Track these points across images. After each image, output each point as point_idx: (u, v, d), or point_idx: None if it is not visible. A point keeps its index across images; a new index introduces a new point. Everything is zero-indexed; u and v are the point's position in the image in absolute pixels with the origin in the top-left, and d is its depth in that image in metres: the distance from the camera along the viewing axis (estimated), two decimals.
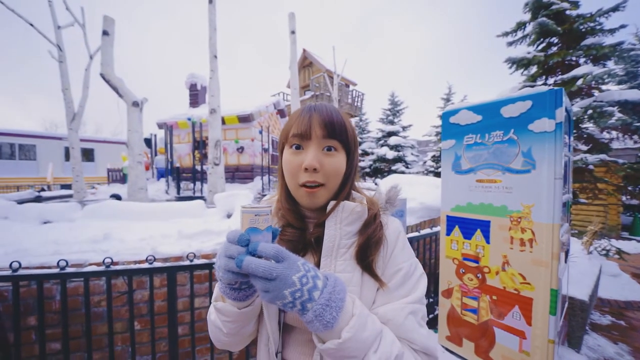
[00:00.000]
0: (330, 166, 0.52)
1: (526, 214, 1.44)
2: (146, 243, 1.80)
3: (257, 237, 0.42)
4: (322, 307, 0.40)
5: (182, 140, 8.06)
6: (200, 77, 8.61)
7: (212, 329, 0.55)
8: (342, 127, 0.54)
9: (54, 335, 1.39)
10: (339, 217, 0.53)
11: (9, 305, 1.32)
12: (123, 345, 1.48)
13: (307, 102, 10.67)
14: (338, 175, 0.54)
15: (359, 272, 0.52)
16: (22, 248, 1.68)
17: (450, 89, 16.86)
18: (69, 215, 2.84)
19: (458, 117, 1.73)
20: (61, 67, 5.48)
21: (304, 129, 0.52)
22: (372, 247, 0.53)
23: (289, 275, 0.40)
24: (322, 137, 0.52)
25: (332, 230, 0.53)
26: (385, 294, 0.52)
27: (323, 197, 0.54)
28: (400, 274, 0.53)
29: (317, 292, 0.41)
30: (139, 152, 4.24)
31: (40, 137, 15.40)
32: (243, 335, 0.55)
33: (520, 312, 1.48)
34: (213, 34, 4.53)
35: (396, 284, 0.52)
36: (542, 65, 4.18)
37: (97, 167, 16.10)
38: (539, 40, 4.21)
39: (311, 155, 0.51)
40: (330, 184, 0.53)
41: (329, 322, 0.41)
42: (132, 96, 4.16)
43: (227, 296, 0.47)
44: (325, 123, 0.52)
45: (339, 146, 0.54)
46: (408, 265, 0.54)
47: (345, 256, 0.53)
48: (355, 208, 0.54)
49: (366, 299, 0.51)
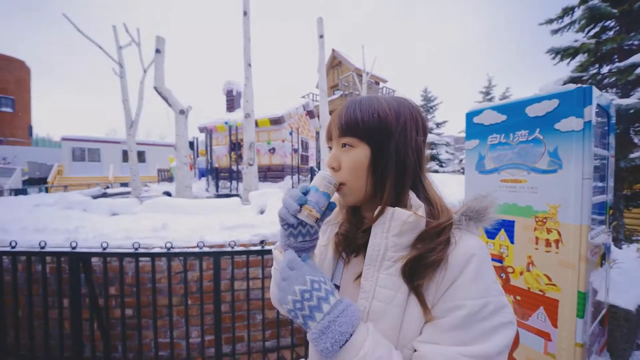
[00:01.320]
0: (346, 163, 0.50)
1: (552, 214, 1.42)
2: (195, 233, 2.11)
3: (314, 193, 0.49)
4: (318, 333, 0.39)
5: (220, 143, 8.74)
6: (236, 83, 9.22)
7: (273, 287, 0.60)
8: (357, 121, 0.48)
9: (128, 303, 1.73)
10: (387, 225, 0.46)
11: (99, 277, 1.69)
12: (178, 315, 1.79)
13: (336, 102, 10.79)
14: (358, 171, 0.49)
15: (405, 293, 0.44)
16: (102, 233, 2.09)
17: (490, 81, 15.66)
18: (132, 209, 3.36)
19: (482, 117, 1.74)
20: (122, 82, 6.34)
21: (327, 132, 0.55)
22: (423, 268, 0.43)
23: (294, 284, 0.43)
24: (338, 135, 0.51)
25: (377, 239, 0.47)
26: (435, 331, 0.41)
27: (348, 195, 0.51)
28: (460, 314, 0.40)
29: (320, 315, 0.40)
30: (184, 154, 4.77)
31: (103, 142, 17.65)
32: None
33: (546, 314, 1.46)
34: (247, 43, 4.89)
35: (452, 325, 0.40)
36: (593, 53, 3.78)
37: (148, 167, 18.00)
38: (590, 25, 3.81)
39: (330, 154, 0.53)
40: (350, 183, 0.50)
41: (324, 352, 0.38)
42: (179, 105, 4.69)
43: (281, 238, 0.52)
44: (339, 121, 0.51)
45: (354, 141, 0.49)
46: (479, 305, 0.40)
47: (390, 270, 0.45)
48: (407, 218, 0.45)
49: (410, 325, 0.43)
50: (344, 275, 0.55)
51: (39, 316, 1.73)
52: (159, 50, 4.62)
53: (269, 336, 1.87)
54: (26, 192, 6.76)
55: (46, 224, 2.42)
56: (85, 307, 1.73)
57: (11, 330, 1.80)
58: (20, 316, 1.74)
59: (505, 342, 0.40)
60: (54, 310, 1.77)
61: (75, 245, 1.62)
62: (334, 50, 14.93)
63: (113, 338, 1.79)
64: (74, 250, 1.60)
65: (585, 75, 3.90)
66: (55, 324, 1.75)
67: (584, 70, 3.96)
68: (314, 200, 0.48)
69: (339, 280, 0.56)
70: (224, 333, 1.80)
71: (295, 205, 0.48)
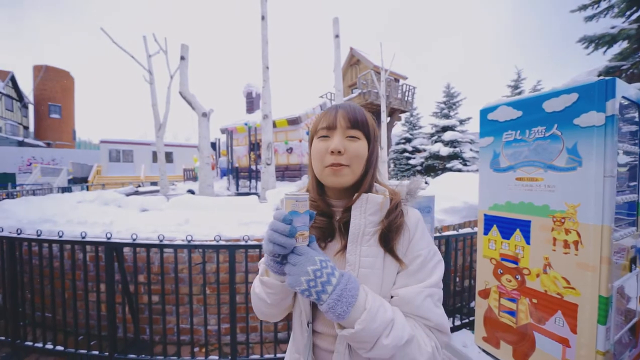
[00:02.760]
0: (354, 149, 0.59)
1: (571, 214, 1.36)
2: (214, 228, 2.25)
3: (297, 218, 0.51)
4: (334, 301, 0.47)
5: (240, 143, 9.07)
6: (255, 86, 9.51)
7: (256, 301, 0.63)
8: (364, 121, 0.61)
9: (154, 290, 1.90)
10: (364, 207, 0.59)
11: (130, 266, 1.87)
12: (197, 304, 1.93)
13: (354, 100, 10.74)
14: (360, 159, 0.60)
15: (382, 257, 0.58)
16: (133, 226, 2.30)
17: (519, 74, 14.74)
18: (159, 206, 3.63)
19: (496, 113, 1.68)
20: (151, 88, 6.81)
21: (330, 121, 0.61)
22: (393, 232, 0.58)
23: (306, 265, 0.49)
24: (346, 127, 0.60)
25: (357, 219, 0.59)
26: (405, 276, 0.58)
27: (347, 176, 0.60)
28: (419, 260, 0.58)
29: (330, 287, 0.48)
30: (207, 155, 5.03)
31: (135, 144, 18.97)
32: (282, 307, 0.63)
33: (564, 318, 1.40)
34: (265, 47, 5.04)
35: (415, 268, 0.58)
36: (635, 39, 3.46)
37: (175, 167, 19.07)
38: (631, 9, 3.48)
39: (337, 140, 0.59)
40: (353, 166, 0.59)
41: (341, 314, 0.47)
42: (201, 108, 4.96)
43: (271, 269, 0.55)
44: (349, 116, 0.60)
45: (361, 135, 0.60)
46: (427, 252, 0.59)
47: (370, 242, 0.58)
48: (378, 200, 0.60)
49: (387, 280, 0.58)
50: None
51: (80, 298, 1.96)
52: (183, 57, 4.91)
53: (280, 327, 1.95)
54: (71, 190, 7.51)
55: (87, 218, 2.70)
56: (118, 292, 1.93)
57: (59, 309, 2.05)
58: (66, 297, 1.98)
59: (442, 272, 0.61)
60: (93, 293, 1.99)
61: (110, 236, 1.81)
62: (352, 49, 14.81)
63: (141, 321, 1.98)
64: (109, 240, 1.79)
65: (626, 64, 3.57)
66: (94, 306, 1.96)
67: (625, 58, 3.62)
68: (301, 224, 0.51)
69: None
70: (238, 322, 1.91)
71: (291, 242, 0.50)
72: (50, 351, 1.91)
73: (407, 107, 13.41)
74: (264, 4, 5.00)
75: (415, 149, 17.04)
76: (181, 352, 1.81)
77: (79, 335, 1.97)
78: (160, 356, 1.79)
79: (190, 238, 1.67)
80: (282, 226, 0.50)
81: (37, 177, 13.19)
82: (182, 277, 1.91)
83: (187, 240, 1.67)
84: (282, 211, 0.52)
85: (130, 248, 1.73)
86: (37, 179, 12.96)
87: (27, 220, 2.66)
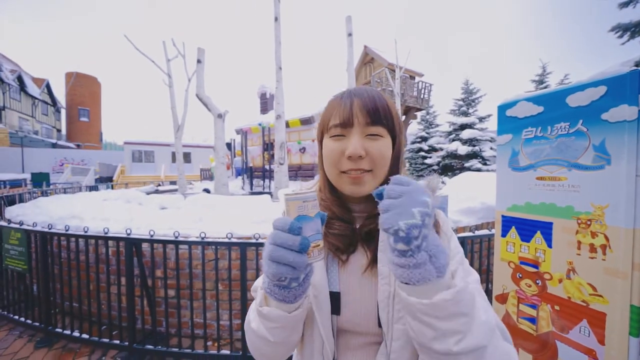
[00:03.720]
0: (377, 151, 0.49)
1: (598, 216, 1.26)
2: (227, 225, 2.30)
3: (308, 225, 0.39)
4: (435, 248, 0.35)
5: (254, 143, 9.23)
6: (269, 86, 9.66)
7: (253, 340, 0.48)
8: (387, 112, 0.50)
9: (170, 285, 1.98)
10: None
11: (148, 261, 1.96)
12: (211, 299, 1.99)
13: None
14: (385, 160, 0.50)
15: None
16: (152, 223, 2.40)
17: (544, 68, 13.96)
18: (177, 204, 3.77)
19: (515, 109, 1.60)
20: (170, 91, 7.08)
21: (346, 117, 0.49)
22: None
23: (410, 206, 0.35)
24: (366, 124, 0.49)
25: None
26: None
27: (369, 184, 0.50)
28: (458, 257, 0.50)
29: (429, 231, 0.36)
30: (222, 155, 5.17)
31: (156, 145, 19.80)
32: (289, 344, 0.48)
33: (590, 328, 1.30)
34: (278, 47, 5.10)
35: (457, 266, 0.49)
36: None
37: (193, 167, 19.73)
38: None
39: (355, 141, 0.48)
40: (377, 170, 0.49)
41: (443, 266, 0.35)
42: (217, 110, 5.10)
43: (275, 296, 0.42)
44: (369, 109, 0.48)
45: (384, 132, 0.50)
46: (461, 250, 0.53)
47: None
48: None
49: None
50: (342, 277, 0.52)
51: (103, 290, 2.08)
52: (199, 61, 5.08)
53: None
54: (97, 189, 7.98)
55: (110, 215, 2.85)
56: (137, 286, 2.02)
57: (85, 299, 2.19)
58: (91, 289, 2.11)
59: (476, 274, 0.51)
60: (115, 286, 2.10)
61: (129, 232, 1.91)
62: (366, 47, 14.64)
63: (158, 314, 2.06)
64: (129, 236, 1.88)
65: None
66: (116, 298, 2.08)
67: None
68: (314, 233, 0.40)
69: (337, 286, 0.51)
70: None
71: (303, 260, 0.38)
72: (77, 338, 2.04)
73: (423, 105, 13.08)
74: (277, 6, 5.06)
75: (431, 147, 16.60)
76: (195, 346, 1.88)
77: (102, 325, 2.09)
78: (175, 348, 1.87)
79: (203, 235, 1.72)
80: (289, 239, 0.37)
81: (68, 177, 14.14)
82: (196, 272, 1.97)
83: (201, 237, 1.72)
84: (285, 218, 0.39)
85: (148, 244, 1.82)
86: (68, 178, 13.89)
87: (58, 217, 2.86)
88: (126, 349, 1.92)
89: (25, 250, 2.18)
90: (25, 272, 2.24)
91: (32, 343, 2.07)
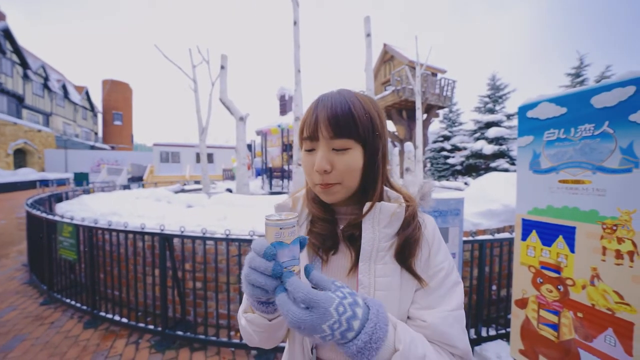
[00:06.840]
0: (344, 165, 0.48)
1: (625, 221, 1.22)
2: (249, 223, 2.44)
3: (283, 252, 0.39)
4: (364, 343, 0.36)
5: (274, 145, 9.47)
6: (288, 89, 9.84)
7: (244, 333, 0.53)
8: (350, 121, 0.47)
9: (198, 277, 2.15)
10: (376, 219, 0.50)
11: (178, 255, 2.14)
12: (234, 292, 2.13)
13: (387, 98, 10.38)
14: (353, 172, 0.49)
15: (398, 275, 0.50)
16: (181, 220, 2.60)
17: (581, 60, 12.96)
18: (202, 202, 4.01)
19: (537, 110, 1.57)
20: (195, 96, 7.47)
21: (312, 131, 0.49)
22: (412, 247, 0.50)
23: (325, 305, 0.36)
24: (330, 137, 0.48)
25: (369, 233, 0.50)
26: (426, 294, 0.50)
27: (339, 193, 0.51)
28: (441, 274, 0.51)
29: (357, 322, 0.36)
30: (243, 156, 5.39)
31: (182, 146, 20.84)
32: (275, 339, 0.54)
33: (616, 337, 1.26)
34: (297, 51, 5.22)
35: (437, 284, 0.50)
36: None
37: (216, 167, 20.54)
38: None
39: (320, 157, 0.48)
40: (346, 182, 0.50)
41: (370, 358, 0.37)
42: (239, 113, 5.33)
43: (256, 309, 0.45)
44: (330, 120, 0.47)
45: (350, 143, 0.48)
46: (447, 265, 0.52)
47: (385, 259, 0.50)
48: (392, 209, 0.50)
49: (405, 300, 0.50)
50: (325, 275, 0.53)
51: (140, 280, 2.30)
52: (223, 67, 5.33)
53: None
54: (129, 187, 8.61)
55: (144, 212, 3.12)
56: (169, 277, 2.21)
57: (124, 288, 2.42)
58: (129, 279, 2.34)
59: (463, 289, 0.53)
60: (149, 277, 2.31)
61: (163, 228, 2.10)
62: (386, 45, 14.42)
63: (187, 304, 2.24)
64: (162, 232, 2.07)
65: None
66: (150, 288, 2.28)
67: None
68: (289, 259, 0.40)
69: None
70: None
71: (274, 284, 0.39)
72: (117, 322, 2.27)
73: (445, 103, 12.64)
74: (296, 10, 5.18)
75: (454, 147, 16.00)
76: (219, 335, 2.02)
77: (138, 311, 2.31)
78: (202, 335, 2.03)
79: (228, 232, 1.86)
80: (262, 264, 0.38)
81: (104, 176, 15.35)
82: (221, 267, 2.12)
83: (226, 235, 1.86)
84: (262, 242, 0.40)
85: (179, 239, 1.99)
86: (104, 178, 15.08)
87: (100, 213, 3.17)
88: (159, 334, 2.12)
89: (75, 242, 2.46)
90: (75, 261, 2.53)
91: (81, 324, 2.34)
